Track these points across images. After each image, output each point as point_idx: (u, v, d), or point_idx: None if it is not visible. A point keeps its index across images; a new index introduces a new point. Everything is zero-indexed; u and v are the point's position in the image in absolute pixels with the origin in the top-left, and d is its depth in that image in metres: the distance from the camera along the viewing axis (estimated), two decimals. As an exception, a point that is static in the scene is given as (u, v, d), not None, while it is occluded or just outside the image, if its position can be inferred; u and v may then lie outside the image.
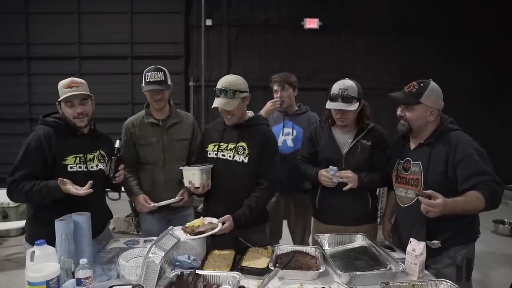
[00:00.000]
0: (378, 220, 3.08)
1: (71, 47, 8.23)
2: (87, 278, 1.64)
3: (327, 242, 2.30)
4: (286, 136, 3.08)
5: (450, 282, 1.72)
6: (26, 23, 8.18)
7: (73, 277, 1.71)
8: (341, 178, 2.34)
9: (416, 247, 1.89)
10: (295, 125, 3.11)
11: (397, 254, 2.12)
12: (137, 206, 2.64)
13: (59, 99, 2.14)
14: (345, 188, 2.34)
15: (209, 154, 2.38)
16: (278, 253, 2.13)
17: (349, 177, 2.34)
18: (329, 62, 8.32)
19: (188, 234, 2.05)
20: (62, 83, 2.14)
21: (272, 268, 1.89)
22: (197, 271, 1.84)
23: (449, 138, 2.05)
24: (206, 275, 1.84)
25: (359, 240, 2.30)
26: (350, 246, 2.26)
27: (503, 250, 5.01)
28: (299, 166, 2.61)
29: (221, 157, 2.34)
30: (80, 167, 2.16)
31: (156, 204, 2.53)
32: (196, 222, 2.17)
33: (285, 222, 3.29)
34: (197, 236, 2.05)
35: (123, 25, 8.23)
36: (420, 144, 2.15)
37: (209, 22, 8.21)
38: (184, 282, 1.76)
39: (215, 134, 2.41)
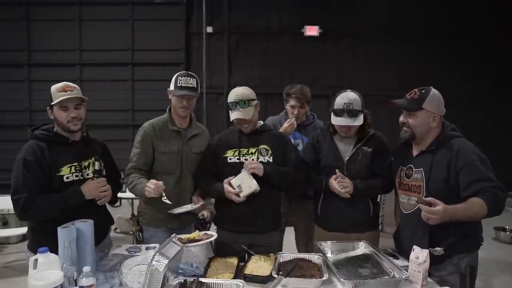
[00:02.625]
0: (380, 227, 3.07)
1: (72, 54, 8.28)
2: (90, 286, 1.63)
3: (330, 249, 2.29)
4: None
5: (454, 290, 1.72)
6: (27, 30, 8.24)
7: (76, 285, 1.70)
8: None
9: (420, 255, 1.89)
10: (303, 137, 3.11)
11: (400, 262, 2.12)
12: (146, 191, 2.26)
13: (52, 103, 2.06)
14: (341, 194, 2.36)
15: (229, 159, 2.40)
16: (281, 261, 2.12)
17: (348, 183, 2.35)
18: (329, 69, 8.37)
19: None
20: (55, 87, 2.09)
21: (275, 276, 1.88)
22: (200, 279, 1.84)
23: (451, 145, 2.06)
24: (209, 282, 1.83)
25: (362, 248, 2.29)
26: (353, 253, 2.26)
27: (505, 257, 4.99)
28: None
29: (243, 161, 2.38)
30: (76, 176, 2.12)
31: (175, 211, 2.36)
32: (192, 234, 2.18)
33: (289, 229, 3.27)
34: (195, 244, 2.05)
35: (124, 32, 8.29)
36: (422, 151, 2.15)
37: (209, 29, 8.27)
38: (187, 290, 1.75)
39: (232, 141, 2.45)
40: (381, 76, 8.31)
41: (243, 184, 2.26)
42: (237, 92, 2.36)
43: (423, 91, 2.10)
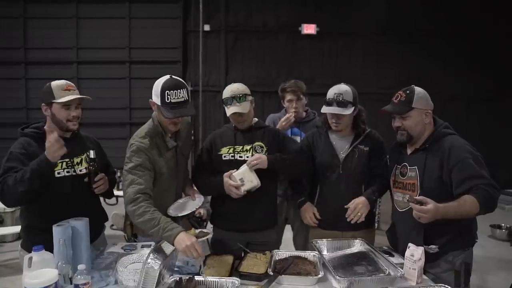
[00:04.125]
0: (376, 225, 3.08)
1: (69, 52, 8.26)
2: (85, 284, 1.63)
3: (326, 247, 2.30)
4: None
5: (449, 287, 1.72)
6: (24, 28, 8.21)
7: (71, 283, 1.70)
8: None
9: (415, 252, 1.89)
10: (302, 133, 3.10)
11: (395, 259, 2.12)
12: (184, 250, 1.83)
13: (56, 101, 2.04)
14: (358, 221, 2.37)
15: (224, 157, 2.38)
16: (277, 259, 2.13)
17: (361, 208, 2.35)
18: (327, 67, 8.37)
19: None
20: (58, 85, 2.07)
21: (271, 274, 1.89)
22: (196, 277, 1.84)
23: (444, 142, 2.07)
24: (204, 280, 1.83)
25: (358, 245, 2.30)
26: (348, 251, 2.26)
27: (501, 255, 5.02)
28: None
29: (238, 158, 2.36)
30: (68, 172, 2.11)
31: (176, 214, 2.22)
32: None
33: (288, 227, 3.28)
34: None
35: (121, 30, 8.27)
36: (416, 149, 2.16)
37: (207, 28, 8.27)
38: (182, 288, 1.75)
39: (227, 138, 2.43)
40: (379, 74, 8.31)
41: (245, 178, 2.24)
42: (233, 88, 2.34)
43: (408, 92, 2.12)
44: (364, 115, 2.50)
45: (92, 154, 2.15)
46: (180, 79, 2.15)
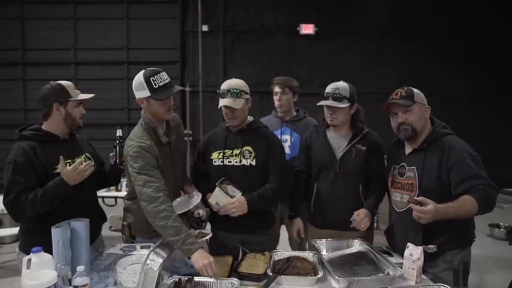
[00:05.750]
0: (375, 224, 3.07)
1: (67, 52, 8.23)
2: (84, 285, 1.63)
3: (325, 247, 2.31)
4: (284, 143, 3.04)
5: (448, 286, 1.73)
6: (22, 29, 8.18)
7: (70, 285, 1.70)
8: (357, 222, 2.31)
9: (414, 252, 1.90)
10: (292, 132, 3.10)
11: (394, 259, 2.13)
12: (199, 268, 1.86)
13: (72, 99, 2.09)
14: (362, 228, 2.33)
15: (214, 162, 2.37)
16: (276, 259, 2.13)
17: (364, 221, 2.31)
18: (325, 67, 8.37)
19: None
20: (68, 84, 2.13)
21: (270, 274, 1.89)
22: (195, 278, 1.84)
23: (442, 143, 2.08)
24: (204, 281, 1.83)
25: (357, 245, 2.30)
26: (347, 251, 2.27)
27: (499, 254, 5.03)
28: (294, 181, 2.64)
29: (227, 164, 2.34)
30: None
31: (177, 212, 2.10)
32: None
33: (284, 228, 3.27)
34: None
35: (119, 31, 8.25)
36: (414, 149, 2.17)
37: (205, 28, 8.26)
38: (182, 289, 1.75)
39: (218, 141, 2.40)
40: (377, 74, 8.29)
41: (220, 201, 2.23)
42: (231, 82, 2.32)
43: (406, 89, 2.15)
44: (362, 115, 2.50)
45: (119, 132, 2.26)
46: (157, 68, 2.19)
